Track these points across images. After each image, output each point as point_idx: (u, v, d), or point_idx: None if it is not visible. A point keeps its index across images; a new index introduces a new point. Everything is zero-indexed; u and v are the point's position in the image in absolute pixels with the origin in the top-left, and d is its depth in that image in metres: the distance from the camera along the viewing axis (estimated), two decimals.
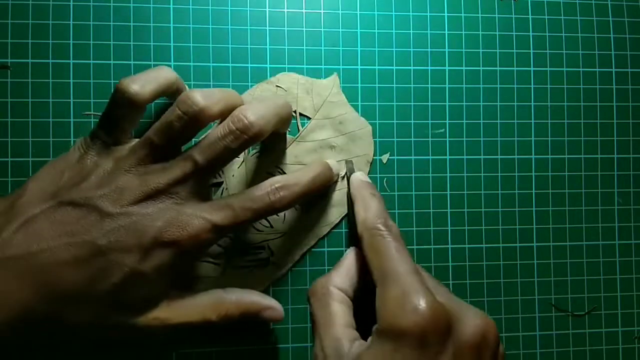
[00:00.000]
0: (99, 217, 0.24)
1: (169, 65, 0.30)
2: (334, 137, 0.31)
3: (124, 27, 0.30)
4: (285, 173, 0.30)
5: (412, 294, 0.21)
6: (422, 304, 0.21)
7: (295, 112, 0.31)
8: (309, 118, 0.31)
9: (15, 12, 0.29)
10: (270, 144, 0.31)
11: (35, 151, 0.29)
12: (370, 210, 0.26)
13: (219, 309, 0.26)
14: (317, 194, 0.30)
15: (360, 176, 0.28)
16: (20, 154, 0.29)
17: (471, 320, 0.22)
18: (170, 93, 0.27)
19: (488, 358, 0.22)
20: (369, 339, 0.22)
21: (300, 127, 0.31)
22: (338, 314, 0.24)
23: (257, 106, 0.26)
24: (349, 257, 0.26)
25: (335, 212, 0.31)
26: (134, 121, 0.26)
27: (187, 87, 0.29)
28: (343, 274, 0.26)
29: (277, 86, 0.31)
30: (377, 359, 0.21)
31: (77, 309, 0.23)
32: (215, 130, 0.25)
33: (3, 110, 0.29)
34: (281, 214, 0.30)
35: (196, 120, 0.25)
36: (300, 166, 0.30)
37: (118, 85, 0.25)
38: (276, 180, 0.26)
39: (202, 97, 0.25)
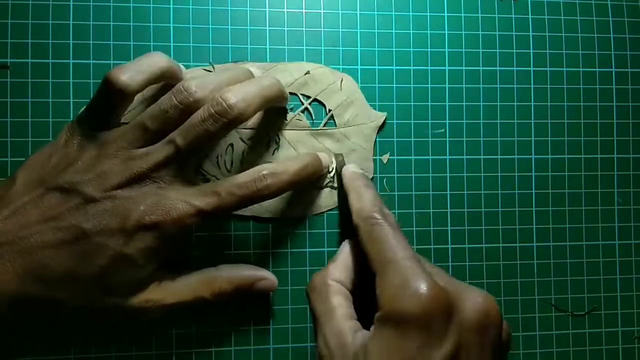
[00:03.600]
0: (83, 202, 0.24)
1: None
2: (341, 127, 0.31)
3: (124, 27, 0.30)
4: (279, 142, 0.31)
5: (412, 279, 0.21)
6: (422, 287, 0.21)
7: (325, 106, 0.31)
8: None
9: (15, 12, 0.29)
10: (267, 119, 0.31)
11: (35, 151, 0.29)
12: (364, 199, 0.26)
13: (211, 286, 0.27)
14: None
15: (352, 168, 0.29)
16: (20, 154, 0.29)
17: (472, 300, 0.22)
18: (166, 79, 0.27)
19: (493, 336, 0.21)
20: (372, 327, 0.22)
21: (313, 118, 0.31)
22: (338, 306, 0.24)
23: (239, 89, 0.26)
24: (345, 250, 0.27)
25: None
26: (121, 111, 0.26)
27: (183, 69, 0.29)
28: (340, 266, 0.26)
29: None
30: (382, 346, 0.21)
31: (67, 292, 0.24)
32: (196, 114, 0.25)
33: (3, 110, 0.29)
34: None
35: (191, 110, 0.25)
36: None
37: (107, 76, 0.25)
38: (264, 168, 0.26)
39: (197, 88, 0.25)
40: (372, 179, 0.31)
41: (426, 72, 0.32)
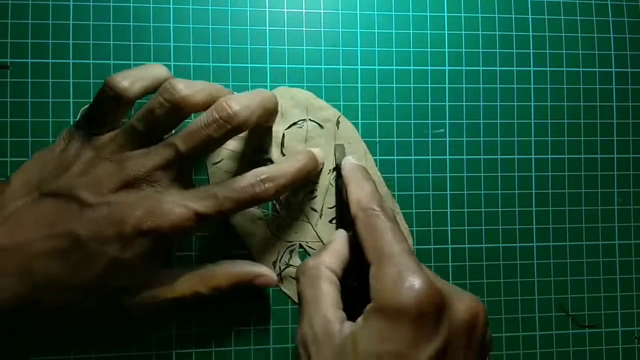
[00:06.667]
0: (79, 207, 0.24)
1: (169, 66, 0.30)
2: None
3: (123, 27, 0.30)
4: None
5: (409, 273, 0.21)
6: (419, 283, 0.21)
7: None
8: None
9: (15, 12, 0.29)
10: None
11: (35, 151, 0.29)
12: (364, 191, 0.26)
13: (209, 282, 0.26)
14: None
15: (352, 159, 0.28)
16: (20, 154, 0.29)
17: (464, 302, 0.22)
18: None
19: (478, 339, 0.22)
20: (360, 318, 0.22)
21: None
22: (328, 294, 0.24)
23: (241, 96, 0.26)
24: (339, 239, 0.27)
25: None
26: (120, 116, 0.26)
27: None
28: (333, 255, 0.26)
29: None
30: (373, 337, 0.21)
31: (65, 297, 0.24)
32: (198, 119, 0.25)
33: (3, 110, 0.29)
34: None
35: (178, 108, 0.25)
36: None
37: (108, 80, 0.25)
38: (261, 172, 0.26)
39: (184, 86, 0.25)
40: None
41: (426, 72, 0.32)
